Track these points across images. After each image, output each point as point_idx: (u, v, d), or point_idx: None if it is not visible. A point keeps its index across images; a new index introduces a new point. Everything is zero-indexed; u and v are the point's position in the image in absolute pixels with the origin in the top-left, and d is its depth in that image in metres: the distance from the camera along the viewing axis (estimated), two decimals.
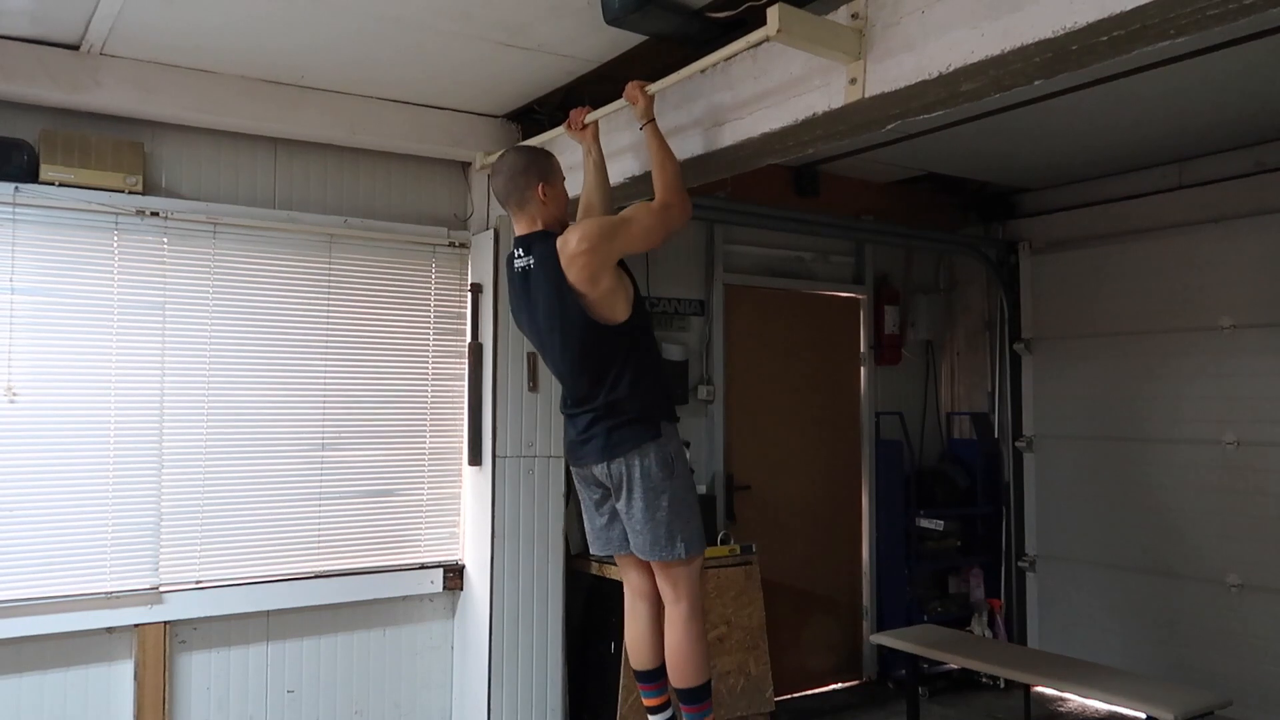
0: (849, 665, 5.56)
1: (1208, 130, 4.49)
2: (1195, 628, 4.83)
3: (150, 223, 3.58)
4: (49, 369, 3.41)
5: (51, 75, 3.28)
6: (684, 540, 2.74)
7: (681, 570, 2.79)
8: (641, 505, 2.72)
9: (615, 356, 2.72)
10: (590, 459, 2.80)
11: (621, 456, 2.72)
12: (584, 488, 2.94)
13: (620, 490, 2.76)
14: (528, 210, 2.80)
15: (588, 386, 2.77)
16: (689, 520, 2.77)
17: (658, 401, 2.79)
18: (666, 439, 2.76)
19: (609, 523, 2.90)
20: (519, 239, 2.84)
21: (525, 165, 2.81)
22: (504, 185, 2.83)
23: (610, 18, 2.85)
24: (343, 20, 3.06)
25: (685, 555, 2.75)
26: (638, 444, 2.71)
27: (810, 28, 2.35)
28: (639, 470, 2.71)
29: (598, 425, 2.75)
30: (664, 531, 2.72)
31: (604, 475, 2.79)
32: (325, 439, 3.91)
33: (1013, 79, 2.26)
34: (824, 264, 5.62)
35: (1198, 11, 1.87)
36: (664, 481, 2.72)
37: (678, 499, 2.74)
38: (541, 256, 2.72)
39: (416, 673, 4.12)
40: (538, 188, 2.78)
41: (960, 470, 5.80)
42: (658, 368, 2.87)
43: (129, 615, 3.51)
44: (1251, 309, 4.66)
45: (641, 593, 2.96)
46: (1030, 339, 5.67)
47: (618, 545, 2.91)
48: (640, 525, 2.74)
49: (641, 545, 2.77)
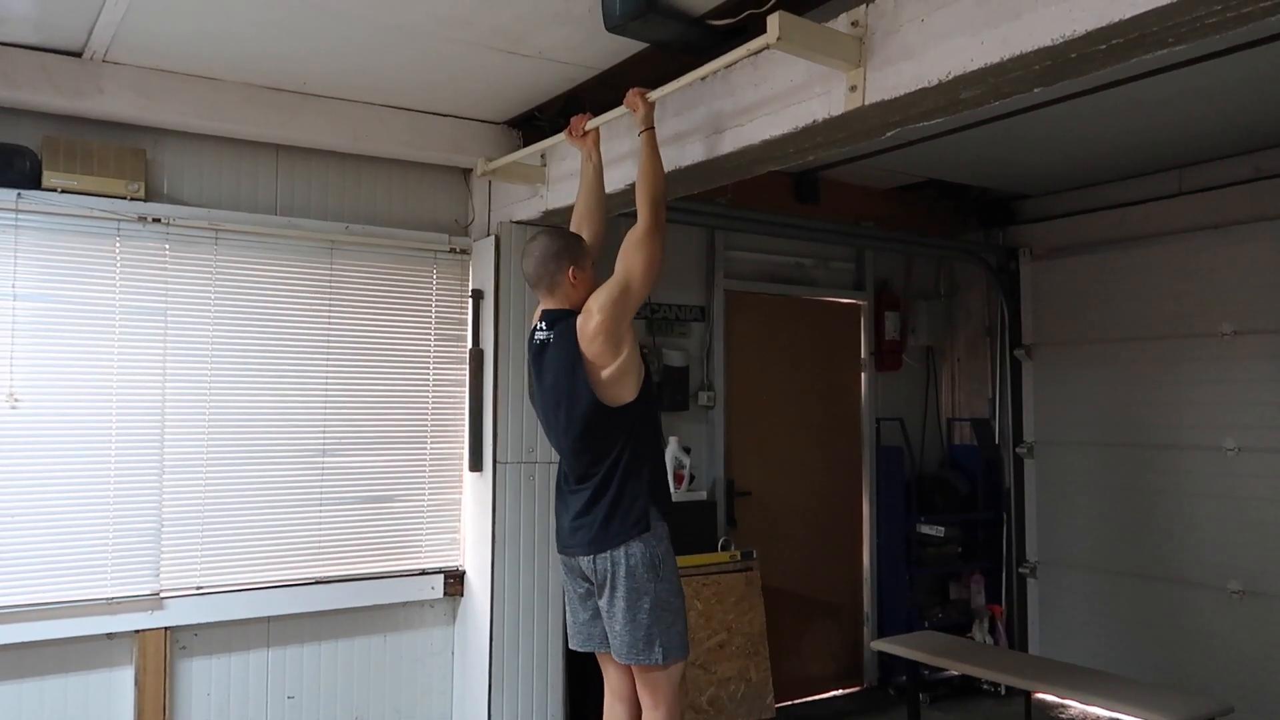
0: (850, 671, 5.55)
1: (1207, 137, 4.49)
2: (1196, 634, 4.82)
3: (152, 229, 3.59)
4: (51, 375, 3.42)
5: (54, 82, 3.29)
6: (663, 646, 2.69)
7: (660, 676, 2.73)
8: (623, 605, 2.69)
9: (617, 438, 2.73)
10: (578, 550, 2.78)
11: (608, 551, 2.70)
12: (570, 580, 2.92)
13: (604, 587, 2.73)
14: (556, 294, 2.83)
15: (588, 465, 2.78)
16: (671, 625, 2.72)
17: (652, 492, 2.77)
18: (656, 538, 2.73)
19: (591, 619, 2.87)
20: (544, 313, 2.87)
21: (557, 251, 2.82)
22: (535, 269, 2.84)
23: (611, 25, 2.85)
24: (344, 27, 3.07)
25: (663, 661, 2.70)
26: (625, 540, 2.69)
27: (810, 35, 2.36)
28: (624, 569, 2.69)
29: (590, 514, 2.74)
30: (643, 635, 2.68)
31: (589, 569, 2.77)
32: (326, 445, 3.92)
33: (1012, 86, 2.27)
34: (824, 270, 5.63)
35: (1196, 20, 1.88)
36: (648, 583, 2.69)
37: (660, 602, 2.70)
38: (561, 332, 2.76)
39: (417, 679, 4.12)
40: (568, 272, 2.81)
41: (961, 476, 5.80)
42: (657, 455, 2.88)
43: (130, 621, 3.51)
44: (1252, 315, 4.66)
45: (620, 695, 2.91)
46: (1031, 345, 5.67)
47: (599, 643, 2.87)
48: (620, 626, 2.71)
49: (619, 647, 2.73)
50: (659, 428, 2.93)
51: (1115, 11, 1.88)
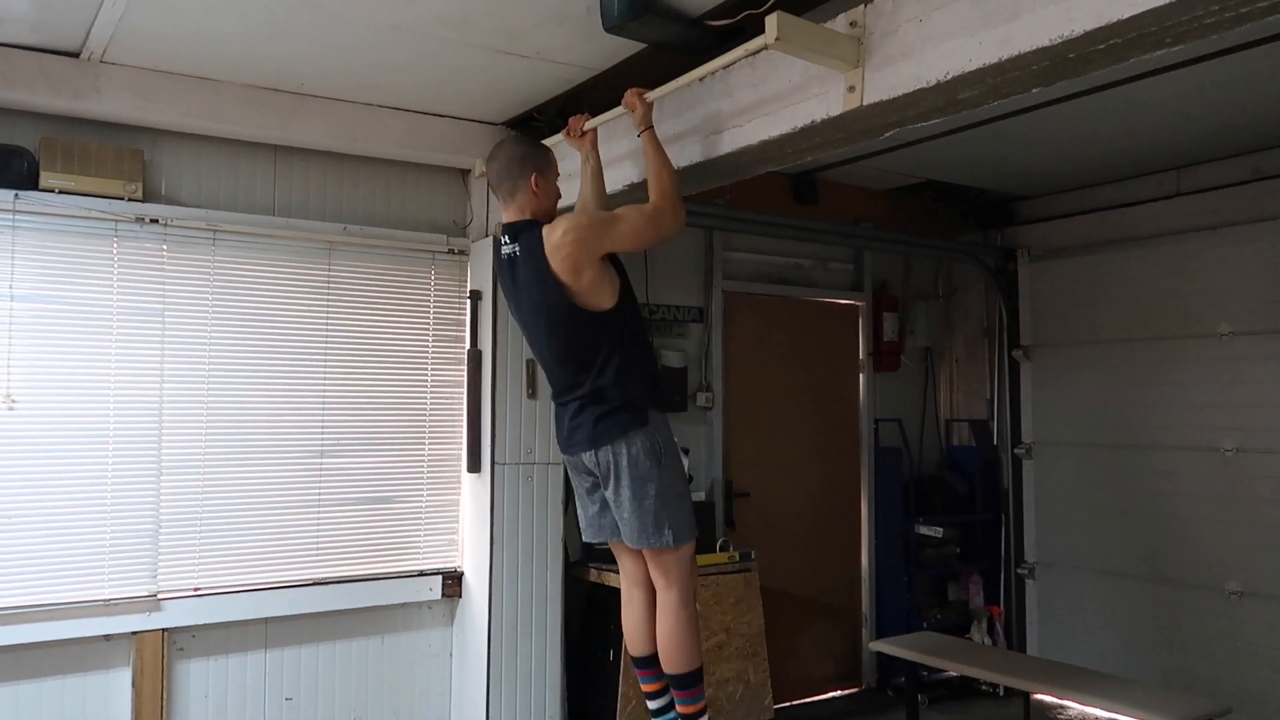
0: (848, 672, 5.55)
1: (1205, 138, 4.50)
2: (1194, 635, 4.82)
3: (150, 229, 3.58)
4: (48, 376, 3.41)
5: (52, 83, 3.29)
6: (672, 528, 2.75)
7: (671, 558, 2.80)
8: (629, 494, 2.73)
9: (601, 344, 2.73)
10: (578, 446, 2.81)
11: (608, 444, 2.72)
12: (575, 476, 2.96)
13: (608, 479, 2.77)
14: (518, 199, 2.84)
15: (574, 374, 2.78)
16: (677, 508, 2.78)
17: (645, 390, 2.79)
18: (654, 427, 2.76)
19: (600, 511, 2.91)
20: (506, 226, 2.86)
21: (522, 156, 2.85)
22: (498, 172, 2.86)
23: (609, 26, 2.85)
24: (342, 28, 3.07)
25: (674, 543, 2.76)
26: (624, 432, 2.72)
27: (808, 36, 2.36)
28: (626, 459, 2.72)
29: (585, 413, 2.76)
30: (651, 520, 2.73)
31: (592, 463, 2.79)
32: (324, 446, 3.91)
33: (1010, 87, 2.27)
34: (823, 271, 5.63)
35: (1194, 20, 1.88)
36: (651, 470, 2.72)
37: (665, 487, 2.75)
38: (528, 244, 2.75)
39: (415, 680, 4.12)
40: (531, 178, 2.82)
41: (959, 477, 5.80)
42: (647, 357, 2.87)
43: (127, 623, 3.50)
44: (1250, 316, 4.67)
45: (636, 580, 2.97)
46: (1029, 346, 5.67)
47: (610, 533, 2.93)
48: (628, 514, 2.75)
49: (630, 534, 2.79)
50: (644, 331, 2.91)
51: (1113, 12, 1.88)
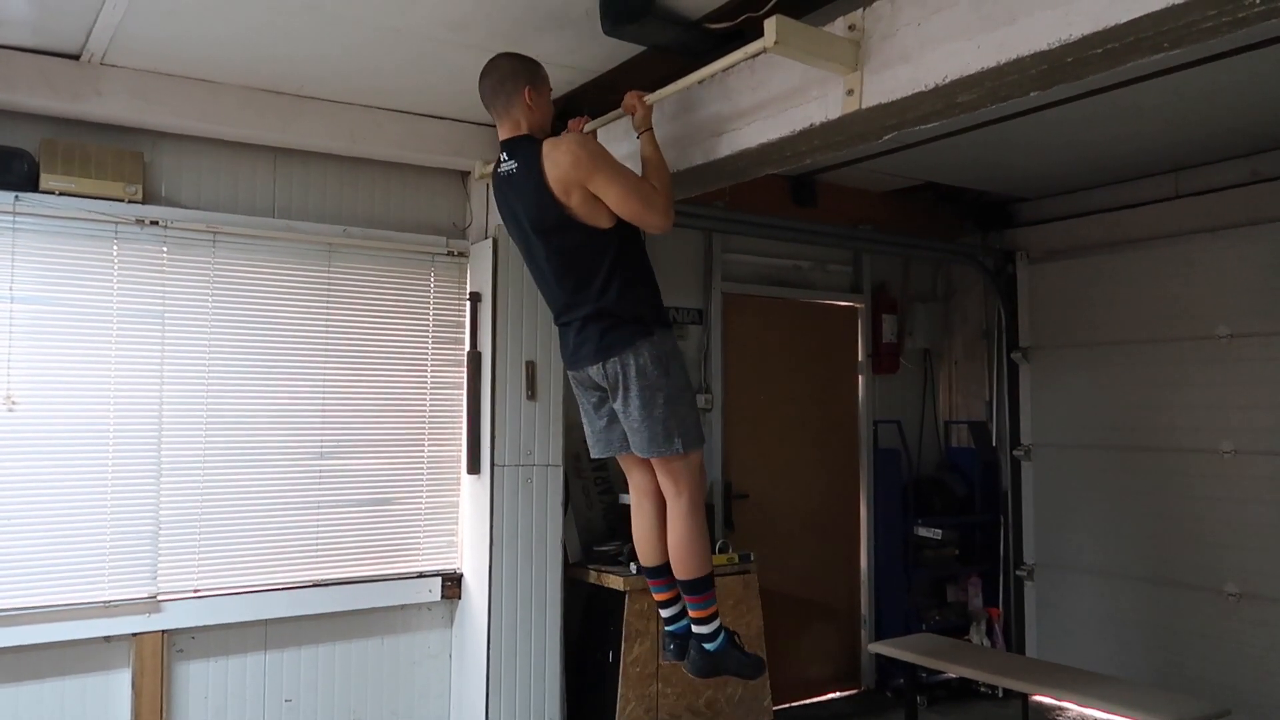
0: (847, 674, 5.56)
1: (1203, 140, 4.50)
2: (1193, 636, 4.83)
3: (150, 232, 3.59)
4: (48, 377, 3.42)
5: (52, 85, 3.29)
6: (681, 436, 2.77)
7: (680, 465, 2.82)
8: (638, 403, 2.74)
9: (601, 261, 2.73)
10: (585, 361, 2.81)
11: (616, 356, 2.73)
12: (581, 392, 2.96)
13: (617, 390, 2.77)
14: (512, 114, 2.82)
15: (573, 291, 2.78)
16: (685, 416, 2.80)
17: (649, 309, 2.79)
18: (660, 338, 2.77)
19: (608, 424, 2.92)
20: (503, 143, 2.85)
21: (514, 69, 2.83)
22: (491, 87, 2.84)
23: (609, 29, 2.87)
24: (342, 31, 3.07)
25: (684, 450, 2.78)
26: (631, 342, 2.72)
27: (807, 39, 2.36)
28: (634, 369, 2.72)
29: (590, 328, 2.76)
30: (661, 429, 2.75)
31: (600, 376, 2.79)
32: (324, 448, 3.91)
33: (1008, 90, 2.28)
34: (822, 273, 5.63)
35: (1191, 24, 1.89)
36: (660, 379, 2.73)
37: (674, 396, 2.77)
38: (525, 160, 2.74)
39: (414, 682, 4.12)
40: (524, 91, 2.80)
41: (958, 479, 5.81)
42: (648, 276, 2.86)
43: (127, 624, 3.50)
44: (1248, 318, 4.67)
45: (645, 491, 2.99)
46: (1028, 348, 5.68)
47: (618, 446, 2.94)
48: (638, 424, 2.76)
49: (640, 443, 2.80)
50: (644, 255, 2.89)
51: (1111, 16, 1.89)
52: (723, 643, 2.90)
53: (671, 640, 3.03)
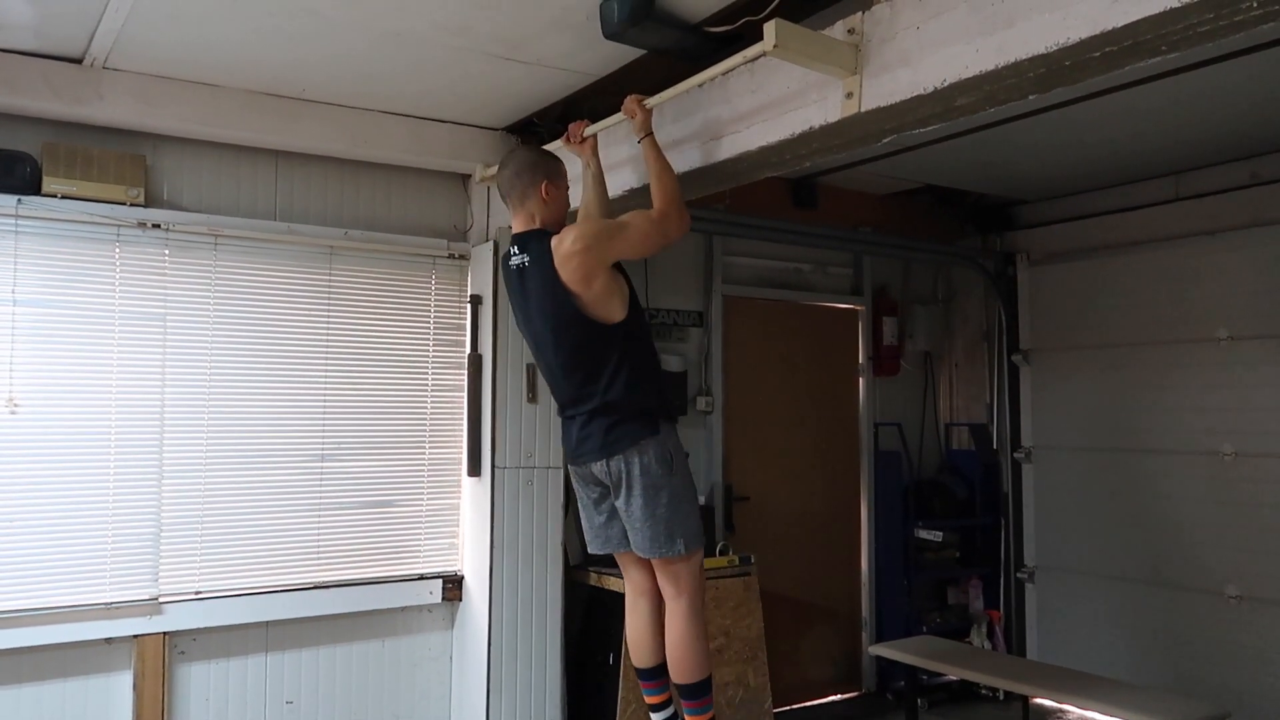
0: (848, 676, 5.56)
1: (1204, 143, 4.51)
2: (1194, 639, 4.83)
3: (152, 234, 3.60)
4: (50, 380, 3.43)
5: (54, 88, 3.30)
6: (683, 537, 2.75)
7: (682, 566, 2.80)
8: (641, 502, 2.73)
9: (610, 356, 2.73)
10: (589, 457, 2.80)
11: (620, 453, 2.72)
12: (582, 487, 2.95)
13: (619, 488, 2.76)
14: (527, 207, 2.83)
15: (580, 385, 2.78)
16: (688, 516, 2.78)
17: (655, 402, 2.80)
18: (665, 435, 2.77)
19: (608, 521, 2.91)
20: (515, 236, 2.86)
21: (533, 163, 2.85)
22: (508, 180, 2.85)
23: (609, 33, 2.87)
24: (343, 35, 3.08)
25: (685, 551, 2.76)
26: (636, 440, 2.72)
27: (806, 43, 2.37)
28: (638, 467, 2.72)
29: (595, 423, 2.76)
30: (663, 528, 2.73)
31: (603, 473, 2.79)
32: (325, 450, 3.92)
33: (1007, 94, 2.28)
34: (822, 275, 5.64)
35: (1189, 28, 1.89)
36: (663, 478, 2.73)
37: (677, 495, 2.75)
38: (537, 254, 2.75)
39: (415, 684, 4.12)
40: (541, 186, 2.82)
41: (959, 481, 5.81)
42: (655, 370, 2.87)
43: (128, 626, 3.51)
44: (1248, 321, 4.68)
45: (642, 590, 2.97)
46: (1028, 350, 5.68)
47: (617, 543, 2.92)
48: (640, 523, 2.75)
49: (641, 543, 2.78)
50: (653, 347, 2.92)
51: (1109, 19, 1.90)
52: None
53: None
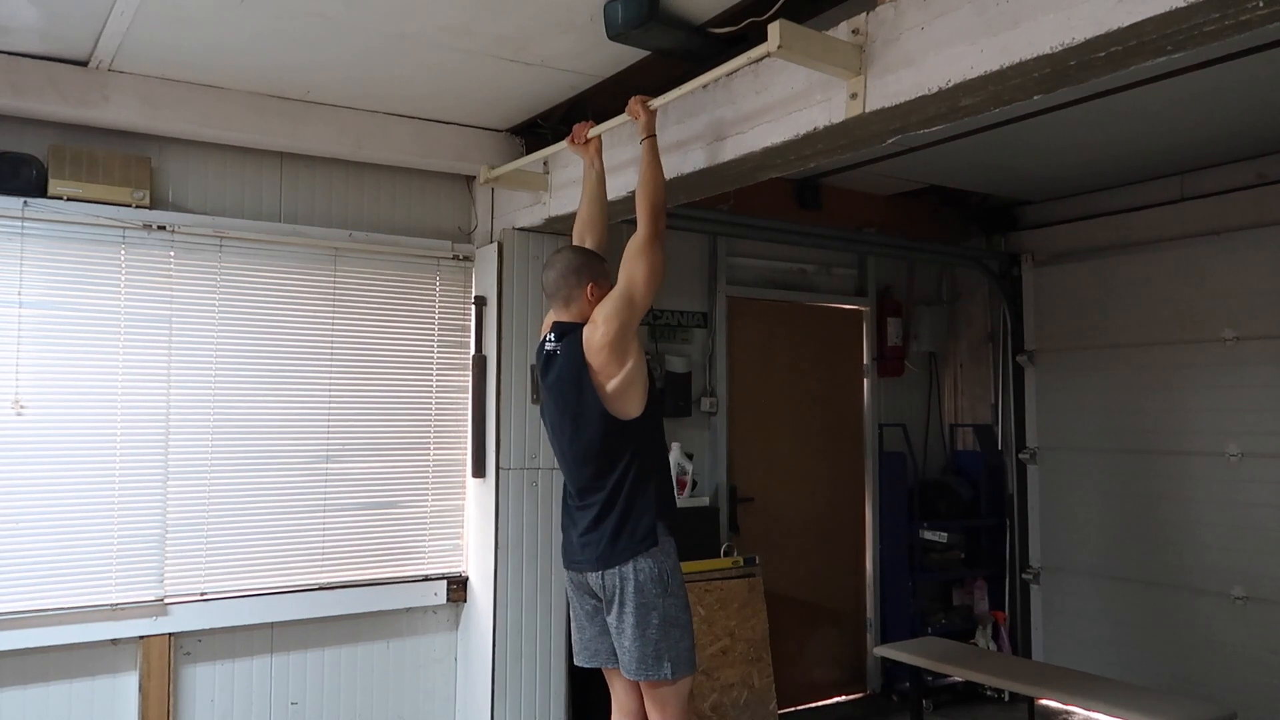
0: (853, 678, 5.55)
1: (1209, 143, 4.50)
2: (1200, 640, 4.81)
3: (157, 236, 3.61)
4: (56, 382, 3.44)
5: (60, 91, 3.31)
6: (671, 661, 2.71)
7: (669, 691, 2.75)
8: (632, 621, 2.70)
9: (623, 453, 2.74)
10: (586, 566, 2.79)
11: (616, 567, 2.71)
12: (576, 596, 2.93)
13: (612, 603, 2.74)
14: (572, 307, 2.86)
15: (591, 477, 2.78)
16: (679, 640, 2.74)
17: (659, 506, 2.77)
18: (664, 553, 2.74)
19: (599, 634, 2.88)
20: (555, 325, 2.89)
21: (579, 265, 2.86)
22: (555, 281, 2.87)
23: (613, 34, 2.87)
24: (348, 37, 3.09)
25: (672, 676, 2.72)
26: (634, 555, 2.70)
27: (811, 43, 2.37)
28: (633, 584, 2.70)
29: (597, 530, 2.75)
30: (651, 650, 2.70)
31: (597, 585, 2.78)
32: (330, 451, 3.93)
33: (1012, 94, 2.28)
34: (826, 276, 5.63)
35: (1194, 27, 1.89)
36: (657, 598, 2.70)
37: (669, 618, 2.72)
38: (569, 344, 2.78)
39: (420, 685, 4.13)
40: (588, 288, 2.84)
41: (964, 482, 5.80)
42: (663, 468, 2.88)
43: (134, 627, 3.52)
44: (1254, 321, 4.66)
45: (628, 710, 2.92)
46: (1033, 351, 5.67)
47: (606, 659, 2.88)
48: (629, 642, 2.72)
49: (628, 663, 2.74)
50: (664, 441, 2.94)
51: (1113, 19, 1.90)
52: None
53: None
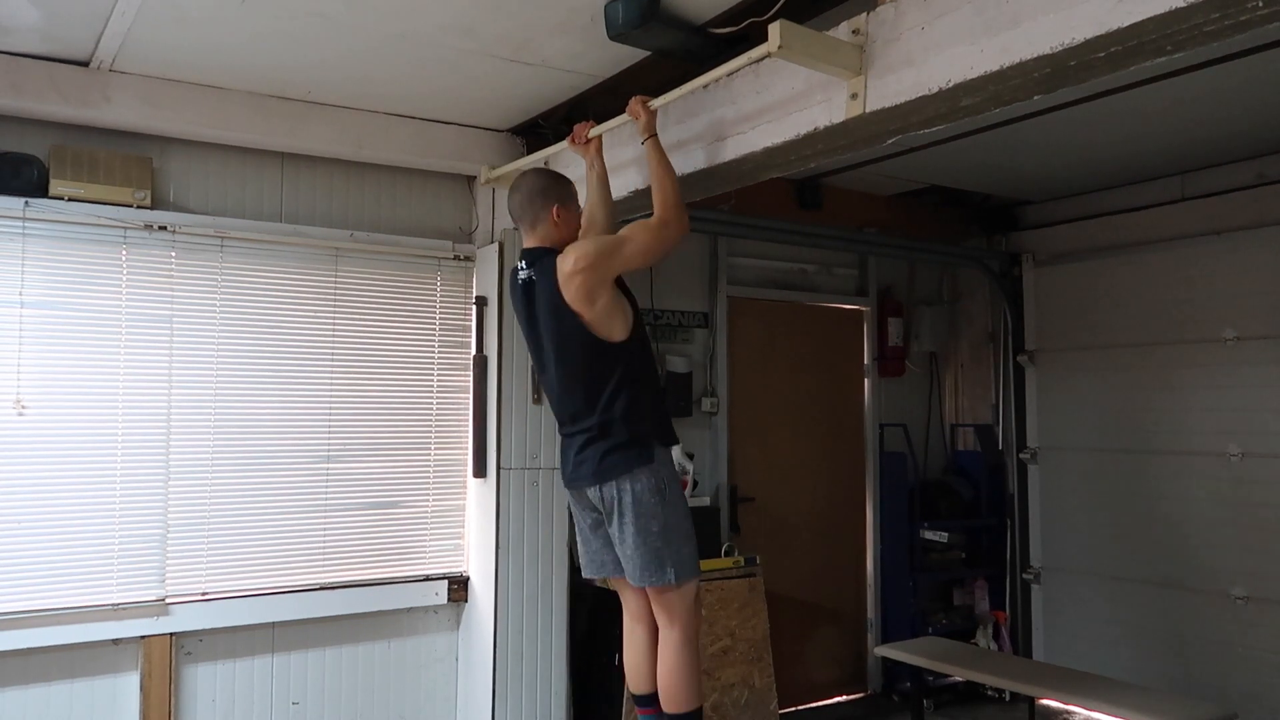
0: (853, 678, 5.55)
1: (1210, 143, 4.50)
2: (1200, 640, 4.81)
3: (158, 237, 3.61)
4: (57, 382, 3.44)
5: (62, 91, 3.32)
6: (674, 566, 2.74)
7: (674, 596, 2.78)
8: (633, 530, 2.73)
9: (610, 375, 2.74)
10: (583, 482, 2.81)
11: (613, 480, 2.73)
12: (578, 511, 2.96)
13: (612, 515, 2.77)
14: (539, 230, 2.86)
15: (581, 403, 2.79)
16: (681, 546, 2.77)
17: (653, 425, 2.79)
18: (660, 464, 2.76)
19: (603, 546, 2.91)
20: (524, 251, 2.89)
21: (544, 187, 2.87)
22: (520, 204, 2.87)
23: (614, 34, 2.88)
24: (349, 37, 3.09)
25: (675, 581, 2.75)
26: (629, 469, 2.72)
27: (811, 44, 2.37)
28: (630, 496, 2.72)
29: (591, 448, 2.77)
30: (654, 558, 2.73)
31: (596, 499, 2.80)
32: (331, 451, 3.93)
33: (1012, 94, 2.28)
34: (827, 276, 5.64)
35: (1194, 28, 1.89)
36: (655, 507, 2.72)
37: (670, 525, 2.75)
38: (543, 271, 2.77)
39: (421, 685, 4.13)
40: (553, 210, 2.83)
41: (964, 482, 5.80)
42: (655, 389, 2.88)
43: (135, 627, 3.52)
44: (1254, 321, 4.66)
45: (638, 617, 2.96)
46: (1034, 351, 5.67)
47: (611, 569, 2.92)
48: (632, 551, 2.75)
49: (633, 571, 2.78)
50: (654, 364, 2.92)
51: (1114, 20, 1.90)
52: None
53: None
